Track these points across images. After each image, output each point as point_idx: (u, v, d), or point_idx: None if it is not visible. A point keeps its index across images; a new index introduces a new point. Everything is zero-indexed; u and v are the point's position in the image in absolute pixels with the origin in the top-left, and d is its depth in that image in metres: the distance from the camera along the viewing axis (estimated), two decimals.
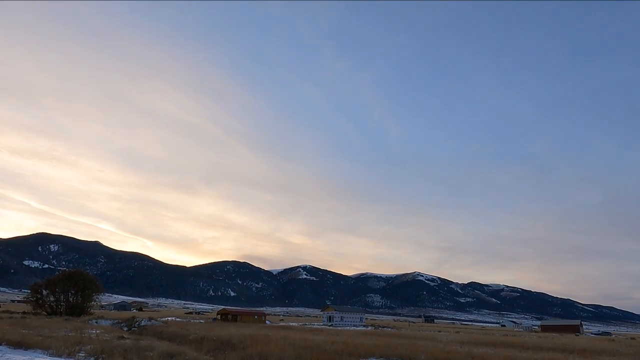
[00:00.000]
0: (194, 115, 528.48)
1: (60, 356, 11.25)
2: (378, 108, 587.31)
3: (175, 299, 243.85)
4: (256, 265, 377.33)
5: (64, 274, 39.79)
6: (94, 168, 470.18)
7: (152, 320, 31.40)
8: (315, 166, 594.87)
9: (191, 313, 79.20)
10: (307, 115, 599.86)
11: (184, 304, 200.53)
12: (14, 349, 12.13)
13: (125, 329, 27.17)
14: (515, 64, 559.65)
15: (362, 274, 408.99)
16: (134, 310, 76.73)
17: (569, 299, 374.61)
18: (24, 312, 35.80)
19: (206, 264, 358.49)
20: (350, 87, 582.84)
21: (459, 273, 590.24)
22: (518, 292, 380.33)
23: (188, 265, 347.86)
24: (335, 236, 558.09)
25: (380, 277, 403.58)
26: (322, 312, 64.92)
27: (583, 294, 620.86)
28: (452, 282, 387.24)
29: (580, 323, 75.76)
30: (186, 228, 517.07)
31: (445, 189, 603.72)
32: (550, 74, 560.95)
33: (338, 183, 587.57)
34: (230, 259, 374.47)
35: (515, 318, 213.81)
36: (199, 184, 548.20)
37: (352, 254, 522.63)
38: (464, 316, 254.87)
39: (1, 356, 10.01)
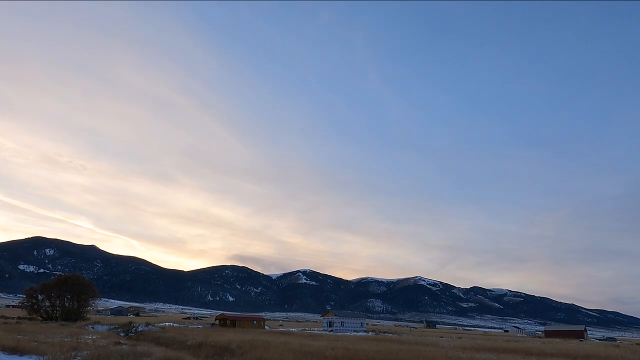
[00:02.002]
0: (163, 87, 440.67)
1: None
2: (373, 76, 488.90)
3: (172, 304, 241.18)
4: (255, 270, 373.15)
5: (60, 278, 39.48)
6: (52, 151, 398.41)
7: (150, 326, 30.89)
8: (305, 150, 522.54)
9: (189, 318, 78.43)
10: (291, 85, 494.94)
11: (182, 309, 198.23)
12: (9, 354, 11.93)
13: (122, 334, 26.73)
14: (528, 30, 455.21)
15: (363, 279, 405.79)
16: (131, 316, 75.79)
17: (573, 304, 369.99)
18: (19, 318, 35.33)
19: (204, 268, 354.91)
20: (338, 48, 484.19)
21: (463, 275, 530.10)
22: (521, 297, 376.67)
23: (186, 269, 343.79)
24: (331, 234, 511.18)
25: (381, 281, 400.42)
26: (322, 318, 64.18)
27: (591, 298, 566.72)
28: (454, 287, 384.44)
29: (585, 328, 75.13)
30: (171, 225, 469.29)
31: (449, 177, 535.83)
32: (569, 41, 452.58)
33: (331, 171, 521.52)
34: (228, 263, 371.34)
35: (519, 323, 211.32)
36: (176, 172, 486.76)
37: (351, 254, 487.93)
38: (466, 321, 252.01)
39: None
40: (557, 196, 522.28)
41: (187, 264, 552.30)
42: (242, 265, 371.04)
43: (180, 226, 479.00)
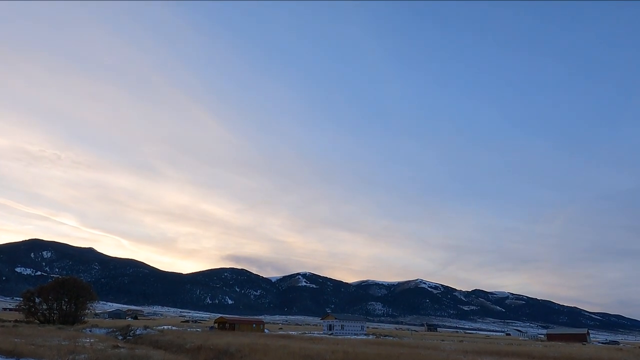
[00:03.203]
0: (140, 67, 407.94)
1: None
2: (370, 60, 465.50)
3: (171, 307, 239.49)
4: (253, 272, 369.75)
5: (57, 281, 39.22)
6: (21, 139, 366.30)
7: (148, 329, 30.70)
8: (297, 140, 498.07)
9: (188, 321, 77.80)
10: (282, 69, 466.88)
11: (181, 312, 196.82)
12: (6, 358, 11.85)
13: (120, 337, 26.56)
14: (537, 18, 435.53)
15: (363, 282, 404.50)
16: (129, 319, 75.32)
17: (576, 307, 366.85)
18: (16, 321, 35.12)
19: (203, 270, 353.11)
20: (333, 32, 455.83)
21: (465, 277, 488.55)
22: (523, 300, 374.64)
23: (184, 272, 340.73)
24: (328, 232, 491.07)
25: (382, 284, 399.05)
26: (322, 321, 63.73)
27: (595, 300, 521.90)
28: (455, 290, 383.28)
29: (587, 332, 74.73)
30: (159, 223, 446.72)
31: (451, 169, 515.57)
32: (582, 21, 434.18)
33: (327, 162, 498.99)
34: (223, 264, 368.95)
35: (521, 326, 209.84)
36: (160, 163, 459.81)
37: (350, 254, 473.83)
38: (467, 324, 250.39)
39: None
40: (566, 191, 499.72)
41: (180, 264, 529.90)
42: (240, 267, 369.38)
43: (170, 224, 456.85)
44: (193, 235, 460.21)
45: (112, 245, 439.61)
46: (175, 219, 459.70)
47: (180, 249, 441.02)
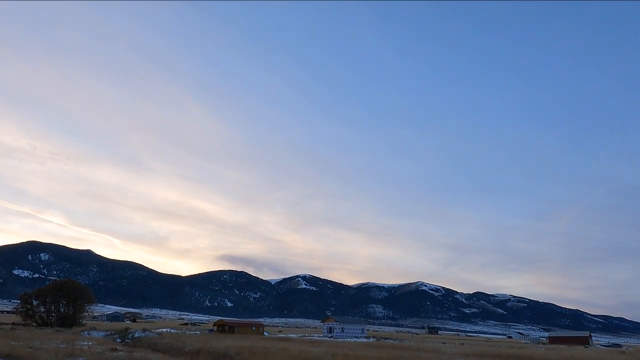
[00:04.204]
0: (122, 50, 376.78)
1: None
2: (369, 42, 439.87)
3: (170, 309, 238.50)
4: (252, 274, 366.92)
5: (55, 283, 39.07)
6: None
7: (146, 332, 30.57)
8: (290, 130, 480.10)
9: (187, 324, 77.37)
10: (275, 54, 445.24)
11: (179, 314, 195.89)
12: None
13: (119, 340, 26.42)
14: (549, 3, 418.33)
15: (364, 284, 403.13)
16: (128, 322, 75.06)
17: (578, 310, 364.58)
18: (13, 323, 35.15)
19: (202, 273, 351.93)
20: (329, 10, 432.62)
21: (467, 277, 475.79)
22: (525, 302, 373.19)
23: (183, 274, 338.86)
24: (326, 231, 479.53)
25: (383, 286, 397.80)
26: (322, 323, 63.43)
27: (598, 302, 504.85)
28: (457, 292, 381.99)
29: (590, 334, 74.27)
30: (150, 220, 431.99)
31: (454, 163, 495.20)
32: (591, 12, 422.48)
33: (323, 155, 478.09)
34: (218, 264, 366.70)
35: (522, 329, 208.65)
36: (148, 156, 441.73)
37: (349, 253, 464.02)
38: (469, 327, 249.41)
39: None
40: (574, 186, 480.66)
41: (176, 265, 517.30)
42: (239, 269, 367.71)
43: (161, 222, 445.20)
44: (186, 234, 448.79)
45: (103, 245, 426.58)
46: (166, 216, 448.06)
47: (173, 249, 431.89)
